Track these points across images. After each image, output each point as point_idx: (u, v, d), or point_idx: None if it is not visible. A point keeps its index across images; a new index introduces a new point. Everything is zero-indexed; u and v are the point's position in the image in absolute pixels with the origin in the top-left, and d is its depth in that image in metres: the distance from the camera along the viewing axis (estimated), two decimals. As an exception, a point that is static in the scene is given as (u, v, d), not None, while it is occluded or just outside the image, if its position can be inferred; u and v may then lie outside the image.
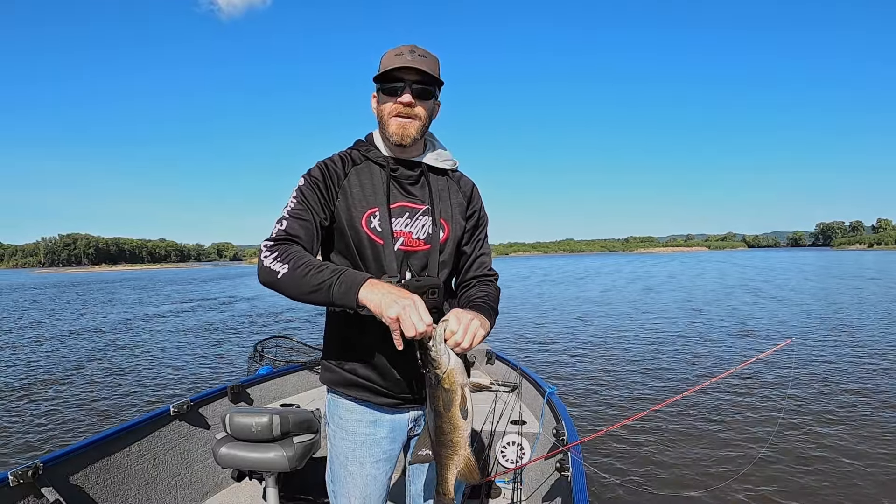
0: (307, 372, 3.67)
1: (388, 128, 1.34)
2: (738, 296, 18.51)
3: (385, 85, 1.32)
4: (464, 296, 1.45)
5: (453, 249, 1.43)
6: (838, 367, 7.37)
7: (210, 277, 54.10)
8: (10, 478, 1.81)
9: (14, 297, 30.63)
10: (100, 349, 10.98)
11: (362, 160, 1.40)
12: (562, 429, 2.39)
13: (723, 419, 5.35)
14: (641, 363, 8.09)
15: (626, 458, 4.50)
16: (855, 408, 5.60)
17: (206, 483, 2.70)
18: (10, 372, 8.88)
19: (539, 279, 33.58)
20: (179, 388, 7.39)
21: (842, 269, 36.90)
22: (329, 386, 1.47)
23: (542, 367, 7.94)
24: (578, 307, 16.50)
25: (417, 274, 1.36)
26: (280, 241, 1.25)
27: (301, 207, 1.31)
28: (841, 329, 10.68)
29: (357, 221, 1.34)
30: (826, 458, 4.38)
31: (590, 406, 5.97)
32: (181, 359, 9.59)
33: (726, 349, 9.04)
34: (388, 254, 1.33)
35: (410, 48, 1.31)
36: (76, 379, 8.18)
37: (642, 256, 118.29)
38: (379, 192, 1.36)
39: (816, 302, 15.85)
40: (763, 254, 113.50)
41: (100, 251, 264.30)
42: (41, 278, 76.02)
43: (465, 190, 1.48)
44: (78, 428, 5.79)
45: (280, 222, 1.29)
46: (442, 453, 1.18)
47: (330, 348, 1.46)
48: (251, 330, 13.15)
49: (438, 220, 1.39)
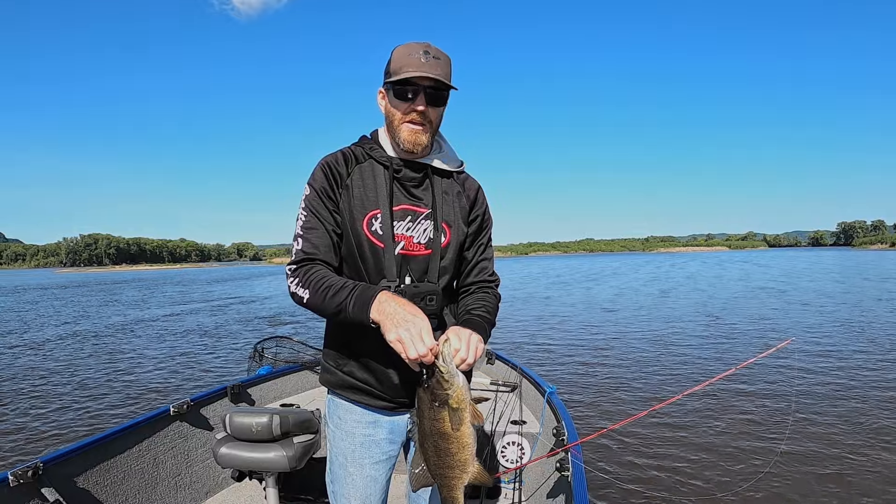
0: (307, 372, 3.67)
1: (400, 134, 1.31)
2: (761, 299, 17.34)
3: (398, 87, 1.28)
4: (461, 303, 1.43)
5: (455, 255, 1.40)
6: (843, 367, 7.37)
7: (223, 278, 54.05)
8: (10, 478, 1.81)
9: (24, 296, 30.63)
10: (100, 349, 10.99)
11: (366, 158, 1.37)
12: (562, 429, 2.39)
13: (723, 419, 5.34)
14: (642, 363, 8.08)
15: (627, 458, 4.50)
16: (861, 410, 5.60)
17: (207, 483, 2.69)
18: (10, 372, 8.88)
19: (550, 281, 32.70)
20: (180, 388, 7.39)
21: (867, 269, 35.28)
22: (328, 387, 1.46)
23: (542, 367, 7.94)
24: (582, 309, 16.50)
25: (417, 279, 1.34)
26: (300, 264, 1.28)
27: (312, 222, 1.31)
28: (861, 330, 10.66)
29: (358, 223, 1.31)
30: (828, 458, 4.37)
31: (590, 406, 5.97)
32: (181, 359, 9.59)
33: (730, 350, 9.04)
34: (388, 258, 1.31)
35: (425, 47, 1.26)
36: (76, 379, 8.17)
37: (661, 256, 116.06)
38: (381, 193, 1.33)
39: (846, 307, 14.41)
40: (784, 253, 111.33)
41: (121, 251, 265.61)
42: (59, 278, 76.32)
43: (469, 193, 1.45)
44: (78, 428, 5.79)
45: (297, 241, 1.30)
46: (449, 475, 1.11)
47: (329, 350, 1.45)
48: (251, 330, 13.15)
49: (440, 224, 1.37)
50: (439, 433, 1.08)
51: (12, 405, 6.77)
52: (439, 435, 1.08)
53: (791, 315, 13.18)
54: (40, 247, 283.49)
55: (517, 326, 12.45)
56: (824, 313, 13.21)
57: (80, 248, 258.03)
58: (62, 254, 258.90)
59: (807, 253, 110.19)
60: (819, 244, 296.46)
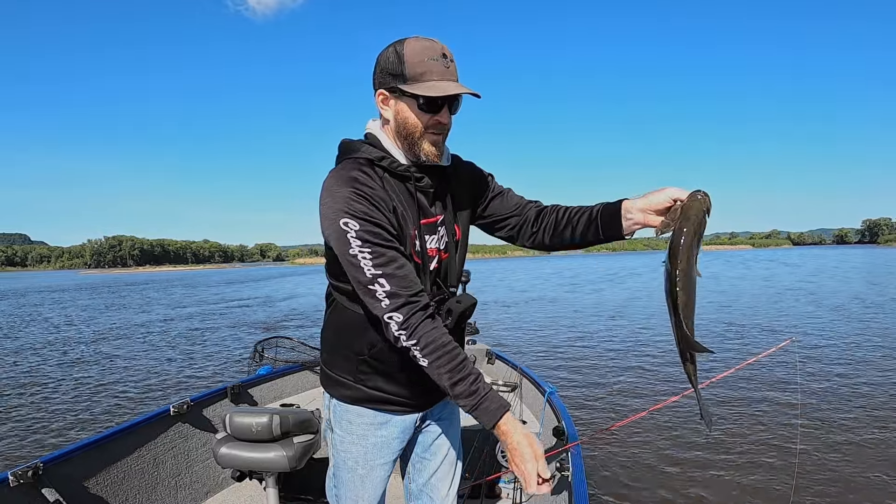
0: (307, 372, 3.67)
1: (422, 146, 1.21)
2: (787, 302, 15.61)
3: (424, 97, 1.15)
4: (566, 215, 1.37)
5: (465, 249, 1.40)
6: (851, 369, 7.37)
7: (238, 279, 53.63)
8: (10, 478, 1.81)
9: (33, 299, 30.64)
10: (100, 350, 10.99)
11: (382, 173, 1.23)
12: (562, 429, 2.39)
13: (723, 419, 5.35)
14: (643, 363, 8.08)
15: (627, 457, 4.49)
16: (866, 408, 5.60)
17: (207, 483, 2.69)
18: (10, 372, 8.89)
19: (561, 282, 31.14)
20: (180, 389, 7.39)
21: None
22: (350, 402, 1.38)
23: (542, 366, 7.94)
24: (587, 311, 16.49)
25: (441, 282, 1.32)
26: (405, 311, 1.12)
27: (388, 254, 1.14)
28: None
29: (407, 247, 1.22)
30: (831, 458, 4.38)
31: (590, 406, 5.97)
32: (182, 359, 9.60)
33: (738, 351, 9.03)
34: (425, 274, 1.27)
35: (441, 49, 1.16)
36: (77, 379, 8.18)
37: None
38: (411, 209, 1.24)
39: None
40: (810, 251, 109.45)
41: (144, 252, 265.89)
42: (81, 279, 76.28)
43: (463, 178, 1.40)
44: (78, 428, 5.79)
45: (377, 283, 1.12)
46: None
47: (340, 362, 1.37)
48: (251, 330, 13.15)
49: (453, 226, 1.35)
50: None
51: (12, 405, 6.77)
52: None
53: (825, 318, 12.72)
54: (65, 248, 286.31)
55: (518, 326, 12.45)
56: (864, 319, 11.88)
57: (105, 249, 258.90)
58: (87, 255, 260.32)
59: (832, 251, 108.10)
60: (843, 242, 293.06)
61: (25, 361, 9.88)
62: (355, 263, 1.13)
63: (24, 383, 8.00)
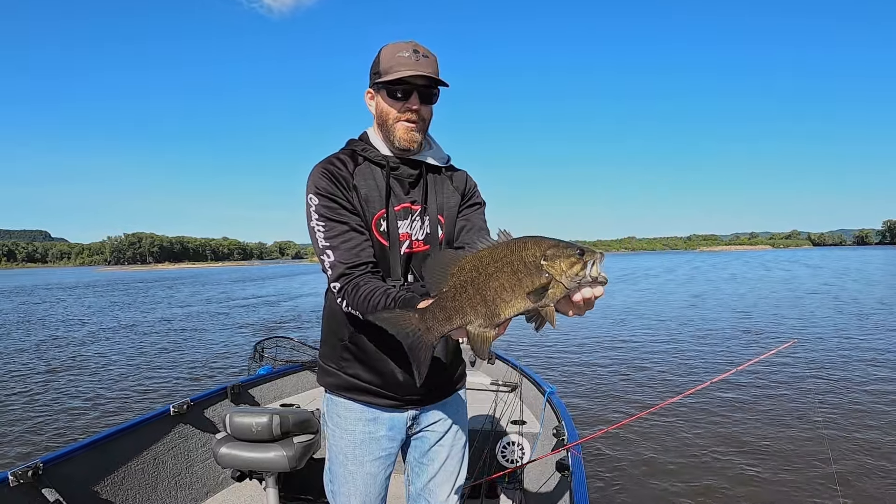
0: (307, 372, 3.67)
1: (395, 132, 1.33)
2: (810, 307, 14.45)
3: (391, 87, 1.30)
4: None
5: (452, 246, 1.43)
6: (854, 369, 7.35)
7: (251, 277, 53.46)
8: (10, 478, 1.81)
9: (41, 295, 30.66)
10: (100, 350, 10.99)
11: (362, 161, 1.37)
12: (562, 428, 2.39)
13: (723, 419, 5.34)
14: (643, 364, 8.08)
15: (627, 457, 4.49)
16: (868, 405, 5.60)
17: (207, 483, 2.69)
18: (10, 372, 8.89)
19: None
20: (180, 389, 7.39)
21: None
22: (330, 389, 1.46)
23: (542, 367, 7.94)
24: (591, 312, 16.43)
25: (419, 276, 1.35)
26: (342, 280, 1.24)
27: (336, 228, 1.27)
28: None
29: (368, 226, 1.33)
30: (832, 458, 4.37)
31: (590, 406, 5.96)
32: (182, 359, 9.59)
33: (740, 352, 9.03)
34: (394, 258, 1.34)
35: (413, 46, 1.29)
36: (77, 379, 8.17)
37: (703, 255, 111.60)
38: (382, 193, 1.35)
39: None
40: (832, 252, 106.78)
41: (164, 250, 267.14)
42: (97, 275, 76.09)
43: (458, 184, 1.48)
44: (78, 428, 5.79)
45: (325, 255, 1.26)
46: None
47: (327, 350, 1.45)
48: (251, 330, 13.15)
49: (436, 218, 1.40)
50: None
51: (12, 405, 6.77)
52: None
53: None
54: (85, 245, 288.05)
55: (517, 326, 12.41)
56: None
57: (124, 246, 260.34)
58: (106, 252, 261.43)
59: (854, 252, 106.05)
60: (864, 243, 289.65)
61: (25, 361, 9.88)
62: (312, 236, 1.29)
63: (24, 383, 8.00)
